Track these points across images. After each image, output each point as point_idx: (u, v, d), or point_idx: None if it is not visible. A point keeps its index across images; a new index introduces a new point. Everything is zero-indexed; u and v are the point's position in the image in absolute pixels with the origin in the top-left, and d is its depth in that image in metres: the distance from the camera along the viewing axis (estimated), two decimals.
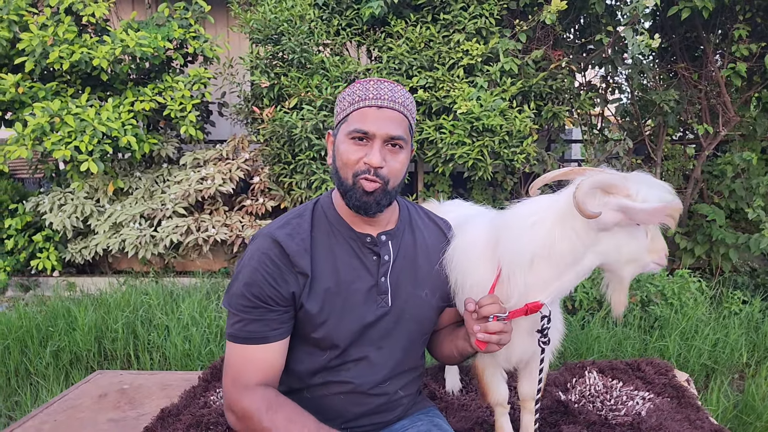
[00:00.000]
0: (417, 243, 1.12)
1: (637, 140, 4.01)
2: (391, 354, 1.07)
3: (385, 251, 1.06)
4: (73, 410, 1.72)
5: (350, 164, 0.99)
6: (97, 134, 3.56)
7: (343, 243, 1.05)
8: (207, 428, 1.47)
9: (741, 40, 3.26)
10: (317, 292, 1.01)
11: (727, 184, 3.78)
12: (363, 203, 0.99)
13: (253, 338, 0.98)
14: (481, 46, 3.49)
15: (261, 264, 0.99)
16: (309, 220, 1.06)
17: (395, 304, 1.06)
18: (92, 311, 3.09)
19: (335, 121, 1.07)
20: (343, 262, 1.04)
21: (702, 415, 1.48)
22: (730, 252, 3.65)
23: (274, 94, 3.66)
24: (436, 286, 1.11)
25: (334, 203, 1.09)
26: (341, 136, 1.01)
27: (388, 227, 1.09)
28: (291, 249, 1.00)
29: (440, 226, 1.19)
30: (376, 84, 1.02)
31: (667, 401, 1.55)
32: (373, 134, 0.98)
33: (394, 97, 1.01)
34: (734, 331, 2.78)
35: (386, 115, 0.99)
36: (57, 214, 3.97)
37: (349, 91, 1.03)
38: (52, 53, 3.64)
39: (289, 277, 1.00)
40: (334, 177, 1.05)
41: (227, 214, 3.97)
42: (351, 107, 1.01)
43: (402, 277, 1.07)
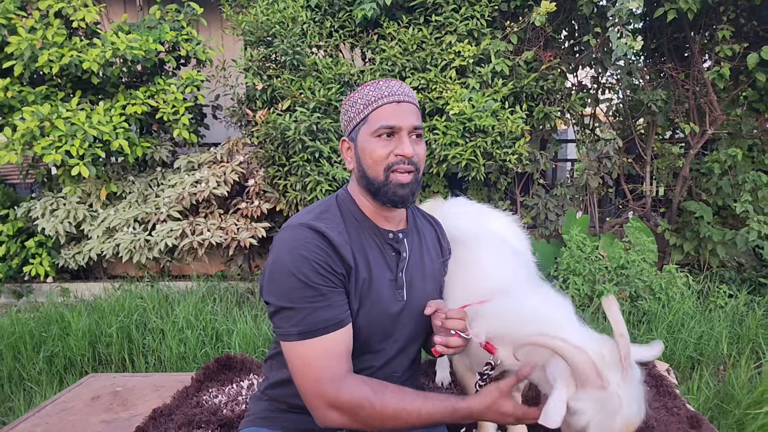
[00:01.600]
0: (421, 240, 1.18)
1: (627, 139, 4.06)
2: (403, 346, 1.12)
3: (403, 248, 1.11)
4: (66, 413, 1.72)
5: (381, 160, 1.03)
6: (88, 138, 3.55)
7: (369, 239, 1.08)
8: (198, 426, 1.49)
9: (725, 40, 3.31)
10: (356, 285, 1.03)
11: (714, 182, 3.84)
12: (400, 197, 1.04)
13: (328, 326, 0.96)
14: (473, 48, 3.52)
15: (311, 252, 0.97)
16: (339, 214, 1.07)
17: (409, 298, 1.10)
18: (86, 316, 3.09)
19: (348, 126, 1.09)
20: (372, 255, 1.07)
21: (679, 403, 1.52)
22: (718, 248, 3.71)
23: (267, 96, 3.67)
24: (437, 280, 1.18)
25: (355, 200, 1.11)
26: (364, 137, 1.05)
27: (401, 225, 1.14)
28: (336, 240, 1.00)
29: (432, 223, 1.26)
30: (387, 83, 1.07)
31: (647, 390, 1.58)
32: (400, 127, 1.03)
33: (406, 92, 1.07)
34: (719, 324, 2.83)
35: (406, 108, 1.05)
36: (49, 219, 3.96)
37: (361, 94, 1.06)
38: (41, 57, 3.62)
39: (338, 262, 1.00)
40: (360, 179, 1.07)
41: (222, 217, 3.97)
42: (368, 108, 1.05)
43: (414, 273, 1.13)
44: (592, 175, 3.74)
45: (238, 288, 3.77)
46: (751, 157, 4.00)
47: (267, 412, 1.13)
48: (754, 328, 2.93)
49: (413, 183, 1.04)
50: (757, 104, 3.89)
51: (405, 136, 1.03)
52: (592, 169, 3.76)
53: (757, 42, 3.51)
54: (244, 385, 1.78)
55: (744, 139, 3.95)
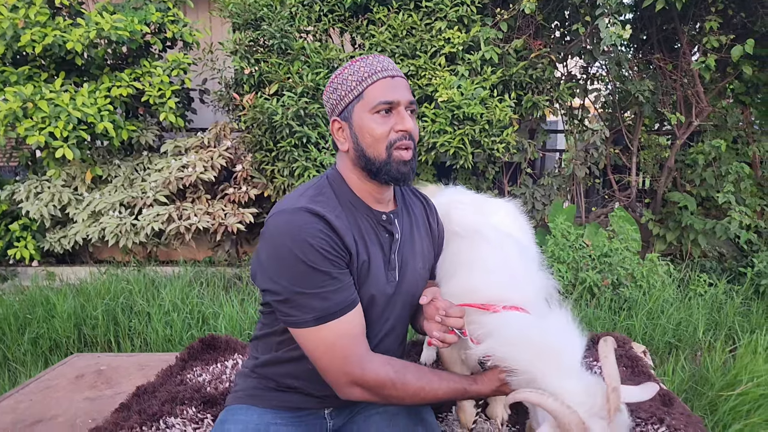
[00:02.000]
0: (412, 220, 1.17)
1: (615, 130, 4.10)
2: (394, 325, 1.13)
3: (395, 229, 1.11)
4: (50, 390, 1.73)
5: (382, 137, 1.00)
6: (72, 120, 3.50)
7: (364, 221, 1.07)
8: (182, 403, 1.50)
9: (712, 31, 3.34)
10: (355, 268, 1.02)
11: (698, 173, 3.89)
12: (403, 174, 1.02)
13: (344, 308, 0.96)
14: (463, 35, 3.52)
15: (315, 237, 0.95)
16: (334, 197, 1.05)
17: (400, 278, 1.10)
18: (71, 298, 3.07)
19: (339, 104, 1.04)
20: (367, 237, 1.06)
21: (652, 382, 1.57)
22: (699, 237, 3.78)
23: (254, 80, 3.64)
24: (426, 259, 1.18)
25: (346, 181, 1.08)
26: (360, 114, 1.01)
27: (391, 206, 1.13)
28: (336, 224, 0.98)
29: (422, 200, 1.24)
30: (376, 58, 1.04)
31: (623, 370, 1.64)
32: (398, 102, 1.01)
33: (396, 67, 1.06)
34: (698, 312, 2.90)
35: (400, 83, 1.03)
36: (33, 202, 3.91)
37: (351, 70, 1.02)
38: (24, 36, 3.56)
39: (341, 249, 0.99)
40: (358, 159, 1.03)
41: (209, 203, 3.95)
42: (363, 84, 1.01)
43: (406, 253, 1.12)
44: (578, 165, 3.77)
45: (226, 273, 3.77)
46: (735, 149, 4.06)
47: (256, 390, 1.13)
48: (732, 315, 3.01)
49: (413, 160, 1.03)
50: (743, 97, 3.94)
51: (403, 110, 1.01)
52: (579, 159, 3.79)
53: (745, 34, 3.55)
54: (228, 364, 1.80)
55: (729, 131, 4.01)
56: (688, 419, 1.36)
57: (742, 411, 2.05)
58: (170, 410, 1.45)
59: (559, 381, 0.94)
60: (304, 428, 1.10)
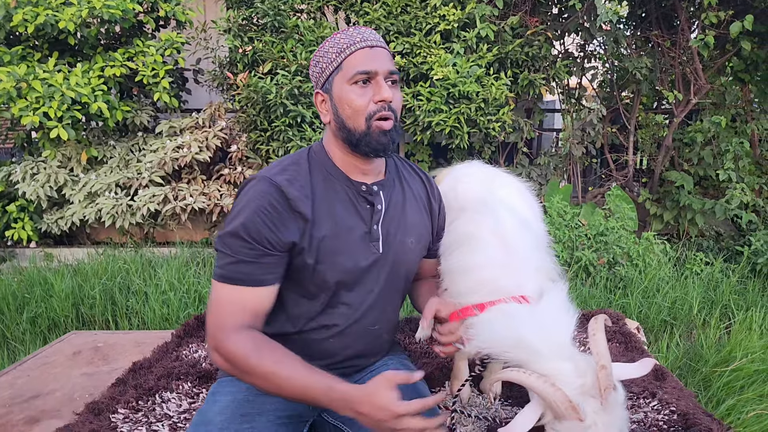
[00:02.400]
0: (405, 193, 1.16)
1: (612, 109, 4.07)
2: (381, 298, 1.12)
3: (378, 200, 1.09)
4: (47, 366, 1.76)
5: (361, 109, 1.00)
6: (66, 100, 3.48)
7: (340, 190, 1.07)
8: (178, 378, 1.53)
9: (711, 7, 3.28)
10: (316, 237, 1.02)
11: (696, 152, 3.88)
12: (382, 145, 1.02)
13: (246, 280, 0.98)
14: (458, 12, 3.47)
15: (261, 207, 0.98)
16: (307, 168, 1.06)
17: (386, 250, 1.09)
18: (69, 278, 3.10)
19: (321, 77, 1.05)
20: (340, 208, 1.06)
21: (645, 357, 1.58)
22: (697, 217, 3.78)
23: (248, 59, 3.60)
24: (420, 234, 1.16)
25: (328, 153, 1.09)
26: (340, 86, 1.01)
27: (379, 177, 1.12)
28: (292, 194, 1.00)
29: (422, 178, 1.23)
30: (357, 29, 1.04)
31: (616, 346, 1.65)
32: (376, 72, 1.00)
33: (377, 38, 1.04)
34: (693, 290, 2.91)
35: (379, 53, 1.02)
36: (30, 183, 3.91)
37: (332, 42, 1.03)
38: (16, 16, 3.51)
39: (289, 223, 1.00)
40: (339, 131, 1.04)
41: (205, 183, 3.95)
42: (342, 55, 1.01)
43: (392, 226, 1.11)
44: (575, 145, 3.75)
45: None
46: (734, 128, 4.03)
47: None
48: (727, 293, 3.03)
49: (394, 131, 1.02)
50: (743, 74, 3.90)
51: (382, 80, 1.00)
52: (576, 139, 3.77)
53: (744, 10, 3.49)
54: None
55: (728, 109, 3.98)
56: (680, 393, 1.38)
57: (735, 387, 2.08)
58: (166, 385, 1.48)
59: (547, 363, 0.94)
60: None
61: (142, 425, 1.28)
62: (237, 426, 0.98)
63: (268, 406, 1.05)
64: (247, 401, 1.05)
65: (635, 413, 1.30)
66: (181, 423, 1.31)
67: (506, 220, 1.15)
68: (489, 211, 1.17)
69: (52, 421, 1.38)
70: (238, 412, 1.01)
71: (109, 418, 1.31)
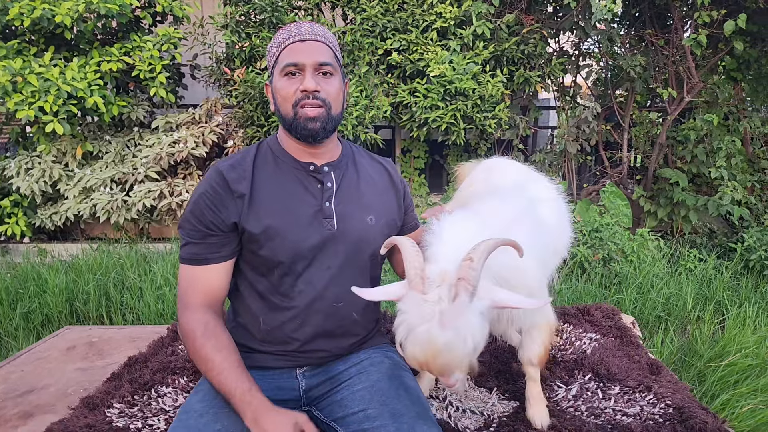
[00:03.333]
0: (360, 174, 1.21)
1: (606, 106, 4.08)
2: (343, 275, 1.12)
3: (327, 179, 1.14)
4: (41, 361, 1.75)
5: (288, 97, 1.08)
6: (61, 94, 3.46)
7: (287, 172, 1.14)
8: (173, 373, 1.52)
9: (704, 6, 3.30)
10: (258, 214, 1.08)
11: (689, 150, 3.90)
12: (310, 130, 1.08)
13: (195, 260, 1.08)
14: (455, 9, 3.47)
15: (204, 192, 1.08)
16: (253, 153, 1.15)
17: (341, 227, 1.12)
18: (63, 274, 3.08)
19: (269, 71, 1.15)
20: (286, 187, 1.12)
21: (641, 352, 1.59)
22: (690, 214, 3.80)
23: (245, 54, 3.59)
24: (380, 213, 1.19)
25: (279, 140, 1.18)
26: (276, 77, 1.10)
27: (330, 159, 1.17)
28: (230, 176, 1.09)
29: (384, 164, 1.29)
30: (296, 25, 1.12)
31: (612, 341, 1.66)
32: (303, 64, 1.07)
33: (315, 31, 1.11)
34: (687, 286, 2.93)
35: (311, 46, 1.09)
36: (24, 178, 3.89)
37: (275, 38, 1.13)
38: (12, 9, 3.49)
39: (229, 203, 1.08)
40: (279, 118, 1.13)
41: (201, 178, 3.93)
42: (278, 50, 1.10)
43: (347, 204, 1.15)
44: (570, 142, 3.77)
45: None
46: (726, 126, 4.06)
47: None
48: (721, 289, 3.05)
49: (323, 118, 1.08)
50: (735, 73, 3.92)
51: (308, 72, 1.06)
52: (570, 136, 3.78)
53: (737, 9, 3.51)
54: None
55: (720, 107, 4.00)
56: (675, 387, 1.38)
57: (729, 381, 2.09)
58: (161, 380, 1.47)
59: (439, 247, 0.96)
60: (274, 384, 1.12)
61: (137, 420, 1.28)
62: (216, 410, 1.01)
63: None
64: None
65: (631, 407, 1.30)
66: None
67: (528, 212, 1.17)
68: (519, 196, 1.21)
69: (47, 416, 1.37)
70: (219, 398, 1.03)
71: (104, 413, 1.30)
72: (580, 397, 1.35)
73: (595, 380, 1.42)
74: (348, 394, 1.10)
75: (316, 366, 1.16)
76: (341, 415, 1.07)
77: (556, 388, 1.41)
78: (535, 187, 1.33)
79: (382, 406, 1.03)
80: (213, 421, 0.99)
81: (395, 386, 1.08)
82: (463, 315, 0.83)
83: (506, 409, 1.32)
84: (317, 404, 1.15)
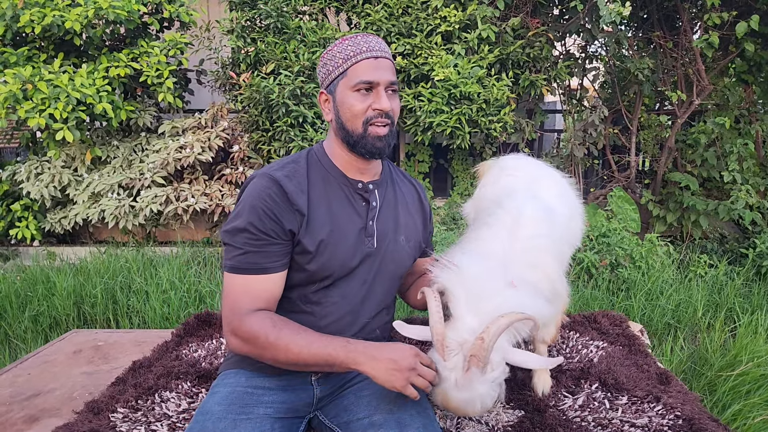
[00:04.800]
0: (397, 194, 1.24)
1: (614, 110, 4.05)
2: (374, 292, 1.16)
3: (373, 198, 1.17)
4: (47, 365, 1.76)
5: (360, 114, 1.08)
6: (71, 101, 3.50)
7: (337, 188, 1.14)
8: (177, 377, 1.52)
9: (714, 8, 3.27)
10: (313, 230, 1.09)
11: (700, 153, 3.85)
12: (377, 149, 1.10)
13: (254, 269, 1.05)
14: (459, 13, 3.46)
15: (262, 200, 1.05)
16: (305, 165, 1.14)
17: (380, 246, 1.15)
18: (71, 277, 3.11)
19: (327, 79, 1.13)
20: (336, 204, 1.13)
21: (650, 361, 1.56)
22: (701, 218, 3.75)
23: (251, 59, 3.62)
24: (410, 234, 1.22)
25: (327, 153, 1.17)
26: (343, 90, 1.09)
27: (375, 177, 1.19)
28: (289, 188, 1.07)
29: (415, 185, 1.32)
30: (365, 38, 1.11)
31: (619, 349, 1.63)
32: (377, 82, 1.08)
33: (383, 48, 1.12)
34: (698, 293, 2.89)
35: (383, 64, 1.10)
36: (34, 183, 3.93)
37: (339, 48, 1.10)
38: (23, 16, 3.54)
39: (288, 214, 1.07)
40: (338, 131, 1.12)
41: (207, 183, 3.96)
42: (347, 62, 1.09)
43: (386, 223, 1.17)
44: (577, 146, 3.74)
45: (222, 253, 3.78)
46: (737, 129, 4.01)
47: (246, 355, 1.18)
48: (732, 296, 3.00)
49: (389, 135, 1.10)
50: (746, 75, 3.88)
51: (382, 91, 1.07)
52: (577, 140, 3.76)
53: (748, 11, 3.47)
54: (223, 340, 1.82)
55: (731, 110, 3.95)
56: (685, 397, 1.35)
57: (741, 391, 2.05)
58: (165, 384, 1.47)
59: (461, 308, 1.02)
60: (290, 394, 1.13)
61: (141, 425, 1.28)
62: (234, 416, 1.01)
63: (266, 398, 1.08)
64: (246, 393, 1.08)
65: (639, 418, 1.28)
66: (180, 423, 1.30)
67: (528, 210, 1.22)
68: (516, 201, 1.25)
69: (52, 420, 1.37)
70: (237, 404, 1.04)
71: (109, 417, 1.30)
72: (587, 407, 1.33)
73: (603, 390, 1.39)
74: (354, 399, 1.10)
75: (331, 374, 1.17)
76: (346, 420, 1.08)
77: (562, 398, 1.38)
78: (546, 183, 1.39)
79: (389, 414, 1.03)
80: (231, 427, 0.99)
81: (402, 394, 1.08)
82: (473, 384, 0.96)
83: (511, 418, 1.30)
84: (323, 408, 1.16)
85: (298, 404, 1.12)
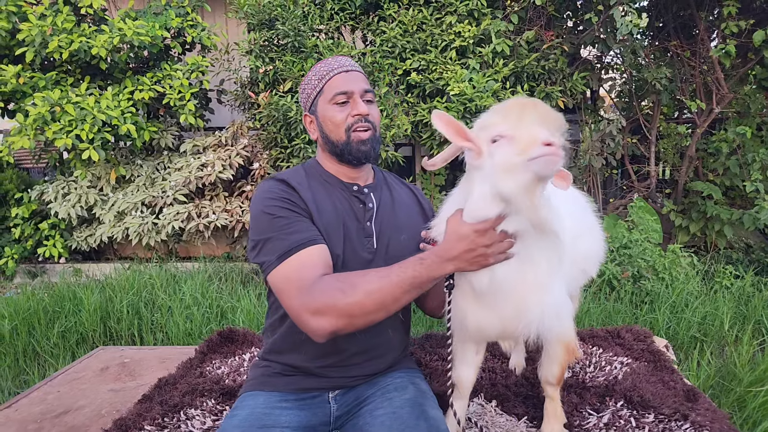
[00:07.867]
0: (393, 196, 1.27)
1: (632, 119, 4.01)
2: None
3: (369, 200, 1.21)
4: (76, 382, 1.80)
5: (341, 123, 1.15)
6: (97, 122, 3.63)
7: (336, 191, 1.19)
8: (201, 395, 1.54)
9: (731, 17, 3.24)
10: (320, 225, 1.12)
11: (721, 162, 3.78)
12: (362, 153, 1.15)
13: (300, 245, 1.03)
14: (473, 28, 3.50)
15: (274, 193, 1.10)
16: (304, 174, 1.21)
17: (380, 246, 1.18)
18: (97, 293, 3.18)
19: (308, 101, 1.21)
20: (338, 205, 1.17)
21: (676, 377, 1.53)
22: (725, 228, 3.67)
23: (269, 78, 3.70)
24: (412, 235, 1.23)
25: (321, 164, 1.23)
26: (322, 106, 1.17)
27: (368, 182, 1.25)
28: (294, 183, 1.13)
29: (410, 188, 1.36)
30: (335, 58, 1.20)
31: (644, 365, 1.60)
32: (352, 91, 1.15)
33: (352, 63, 1.20)
34: (724, 305, 2.81)
35: (354, 76, 1.18)
36: (62, 203, 4.06)
37: (314, 71, 1.19)
38: (52, 43, 3.69)
39: (299, 201, 1.11)
40: (325, 145, 1.19)
41: (227, 200, 4.04)
42: (322, 81, 1.17)
43: (384, 223, 1.20)
44: (594, 156, 3.71)
45: (243, 268, 3.84)
46: (759, 137, 3.93)
47: (264, 377, 1.19)
48: (760, 308, 2.91)
49: (373, 140, 1.16)
50: (766, 82, 3.81)
51: (358, 98, 1.14)
52: (595, 150, 3.73)
53: (766, 19, 3.43)
54: (245, 357, 1.84)
55: (752, 117, 3.88)
56: (713, 415, 1.31)
57: None
58: (190, 402, 1.49)
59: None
60: (308, 411, 1.13)
61: None
62: None
63: (284, 418, 1.08)
64: (265, 414, 1.08)
65: None
66: None
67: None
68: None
69: None
70: (256, 425, 1.04)
71: None
72: (613, 425, 1.31)
73: (628, 407, 1.37)
74: (369, 420, 1.10)
75: (348, 389, 1.18)
76: None
77: (587, 416, 1.36)
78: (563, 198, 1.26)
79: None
80: None
81: (416, 415, 1.08)
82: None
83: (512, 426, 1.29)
84: (341, 427, 1.16)
85: (315, 423, 1.12)
